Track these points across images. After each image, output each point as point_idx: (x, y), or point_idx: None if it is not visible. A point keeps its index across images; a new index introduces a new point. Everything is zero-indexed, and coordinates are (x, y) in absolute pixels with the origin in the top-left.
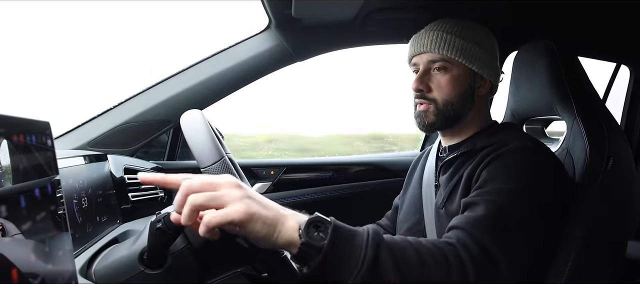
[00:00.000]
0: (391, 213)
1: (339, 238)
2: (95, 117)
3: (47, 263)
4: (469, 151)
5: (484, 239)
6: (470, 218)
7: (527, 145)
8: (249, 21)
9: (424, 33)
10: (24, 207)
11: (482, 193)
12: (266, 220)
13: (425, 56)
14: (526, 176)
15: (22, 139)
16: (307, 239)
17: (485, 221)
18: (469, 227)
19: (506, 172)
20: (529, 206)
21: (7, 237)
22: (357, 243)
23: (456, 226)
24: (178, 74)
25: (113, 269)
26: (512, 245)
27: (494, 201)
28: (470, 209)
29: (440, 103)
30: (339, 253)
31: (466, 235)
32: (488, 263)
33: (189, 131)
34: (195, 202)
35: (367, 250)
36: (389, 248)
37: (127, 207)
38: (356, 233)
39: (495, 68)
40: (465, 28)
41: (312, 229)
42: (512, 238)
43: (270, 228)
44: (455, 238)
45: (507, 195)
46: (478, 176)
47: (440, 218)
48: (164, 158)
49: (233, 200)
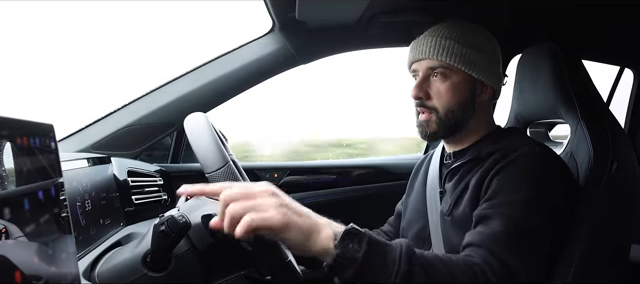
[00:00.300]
0: (394, 218)
1: (373, 251)
2: (99, 120)
3: (51, 266)
4: (475, 158)
5: (505, 256)
6: (487, 234)
7: (534, 150)
8: (253, 24)
9: (423, 39)
10: (27, 209)
11: (494, 205)
12: (302, 228)
13: (424, 63)
14: (536, 183)
15: (26, 142)
16: (343, 250)
17: (503, 237)
18: (489, 244)
19: (516, 181)
20: (541, 213)
21: (10, 239)
22: (391, 256)
23: (474, 243)
24: (182, 77)
25: (116, 272)
26: (530, 257)
27: (507, 214)
28: (484, 223)
29: (441, 112)
30: (373, 265)
31: (487, 253)
32: (510, 279)
33: (193, 134)
34: (234, 212)
35: (400, 264)
36: (420, 263)
37: (131, 210)
38: (390, 246)
39: (497, 73)
40: (465, 33)
41: (348, 240)
42: (529, 250)
43: (305, 236)
44: (478, 257)
45: (520, 206)
46: (487, 186)
47: (446, 224)
48: (167, 161)
49: (271, 207)
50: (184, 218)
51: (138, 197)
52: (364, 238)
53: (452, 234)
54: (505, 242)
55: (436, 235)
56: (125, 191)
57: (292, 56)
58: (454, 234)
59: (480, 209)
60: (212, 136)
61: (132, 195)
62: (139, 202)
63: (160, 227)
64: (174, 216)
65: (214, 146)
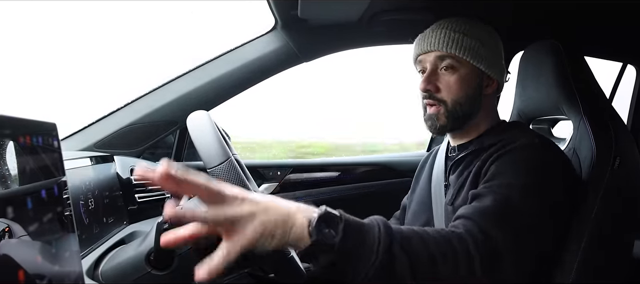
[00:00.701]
0: (400, 213)
1: (351, 234)
2: (102, 119)
3: (54, 264)
4: (478, 149)
5: (489, 228)
6: (476, 207)
7: (535, 142)
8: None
9: (431, 32)
10: (30, 208)
11: (489, 186)
12: (275, 230)
13: (432, 55)
14: (535, 173)
15: (29, 141)
16: (318, 236)
17: (491, 211)
18: (475, 216)
19: (515, 167)
20: (537, 202)
21: (13, 238)
22: (370, 237)
23: (462, 215)
24: (184, 75)
25: (120, 271)
26: (518, 239)
27: (501, 193)
28: (477, 200)
29: (450, 104)
30: (351, 248)
31: (472, 224)
32: (493, 254)
33: (196, 132)
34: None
35: (380, 244)
36: (400, 240)
37: (134, 208)
38: (367, 227)
39: (501, 66)
40: (471, 27)
41: (323, 225)
42: (518, 232)
43: (281, 234)
44: (462, 227)
45: (515, 189)
46: (486, 171)
47: (449, 215)
48: (170, 159)
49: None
50: None
51: (141, 195)
52: (340, 222)
53: None
54: (492, 216)
55: (440, 227)
56: (128, 190)
57: (295, 54)
58: None
59: (476, 190)
60: (214, 133)
61: (135, 193)
62: (142, 201)
63: (163, 225)
64: None
65: (216, 142)
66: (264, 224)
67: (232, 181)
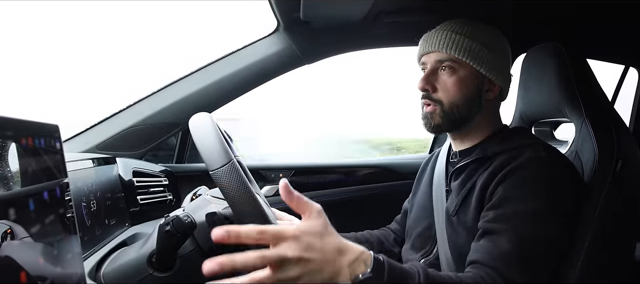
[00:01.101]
0: (401, 217)
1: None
2: (104, 121)
3: (56, 266)
4: (482, 157)
5: (513, 276)
6: (494, 252)
7: (541, 156)
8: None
9: (434, 33)
10: (32, 210)
11: (500, 217)
12: (315, 279)
13: (433, 56)
14: (544, 193)
15: (31, 142)
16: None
17: (510, 256)
18: (496, 263)
19: (523, 191)
20: (549, 223)
21: (16, 240)
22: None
23: (481, 261)
24: (186, 77)
25: (122, 272)
26: (537, 273)
27: (514, 228)
28: (491, 238)
29: (446, 105)
30: None
31: (495, 273)
32: None
33: (198, 134)
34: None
35: None
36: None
37: (136, 210)
38: (408, 276)
39: (506, 72)
40: (475, 29)
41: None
42: (537, 266)
43: (320, 281)
44: (488, 278)
45: (526, 217)
46: (493, 191)
47: (453, 225)
48: (172, 161)
49: (287, 279)
50: (189, 218)
51: (143, 197)
52: (382, 278)
53: (458, 234)
54: (513, 261)
55: (441, 234)
56: (130, 191)
57: (297, 56)
58: (460, 235)
59: (485, 220)
60: (216, 134)
61: (137, 195)
62: (144, 203)
63: (165, 227)
64: (179, 216)
65: (218, 144)
66: (308, 282)
67: (233, 183)
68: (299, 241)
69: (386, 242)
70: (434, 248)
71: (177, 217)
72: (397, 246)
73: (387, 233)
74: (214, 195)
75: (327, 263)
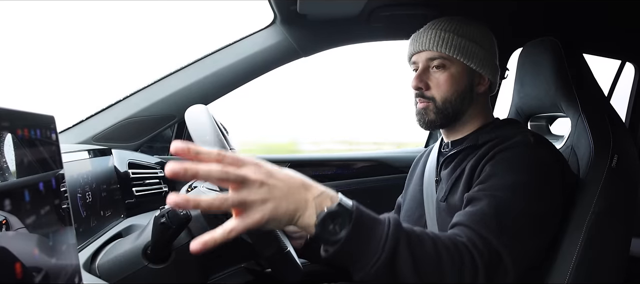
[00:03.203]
0: (394, 212)
1: (358, 232)
2: (100, 112)
3: (51, 257)
4: (472, 145)
5: (491, 238)
6: (474, 214)
7: (529, 140)
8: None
9: (423, 32)
10: (28, 201)
11: (484, 188)
12: (283, 217)
13: (423, 54)
14: (528, 171)
15: (27, 133)
16: (322, 233)
17: (490, 218)
18: (475, 225)
19: (508, 166)
20: (532, 201)
21: (10, 231)
22: (377, 234)
23: (462, 223)
24: (183, 69)
25: (117, 264)
26: (516, 243)
27: (497, 196)
28: (472, 204)
29: (439, 101)
30: (355, 246)
31: (473, 233)
32: (495, 262)
33: (194, 126)
34: (220, 206)
35: (385, 245)
36: (408, 242)
37: (131, 201)
38: (376, 225)
39: (494, 66)
40: (463, 26)
41: (329, 222)
42: (516, 235)
43: (287, 221)
44: (464, 237)
45: (509, 191)
46: (480, 170)
47: (441, 211)
48: (168, 153)
49: (257, 205)
50: (184, 210)
51: (139, 189)
52: (348, 220)
53: (448, 220)
54: (491, 224)
55: (432, 223)
56: (126, 183)
57: (294, 49)
58: (449, 221)
59: (471, 192)
60: (212, 126)
61: (132, 187)
62: (139, 194)
63: (160, 219)
64: (175, 208)
65: (214, 136)
66: (274, 211)
67: None
68: (261, 167)
69: None
70: None
71: (172, 209)
72: None
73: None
74: (210, 187)
75: (291, 193)
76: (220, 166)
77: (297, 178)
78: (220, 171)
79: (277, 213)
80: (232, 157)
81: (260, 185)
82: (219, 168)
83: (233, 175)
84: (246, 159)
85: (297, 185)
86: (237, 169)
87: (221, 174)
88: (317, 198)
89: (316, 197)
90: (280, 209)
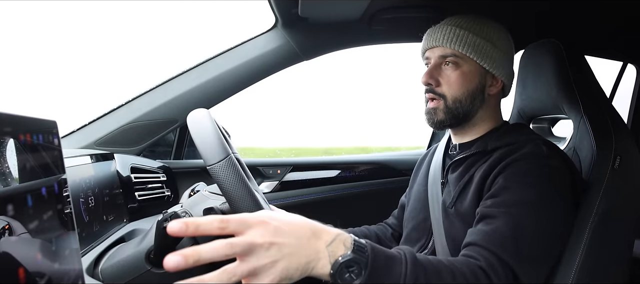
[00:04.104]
0: (398, 211)
1: (375, 276)
2: (102, 117)
3: (54, 262)
4: (481, 151)
5: (508, 259)
6: (490, 234)
7: (541, 150)
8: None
9: (438, 27)
10: (30, 206)
11: (498, 204)
12: (295, 273)
13: (437, 50)
14: (542, 185)
15: (29, 138)
16: (338, 281)
17: (506, 239)
18: (492, 246)
19: (522, 180)
20: (547, 215)
21: (13, 236)
22: (394, 276)
23: (477, 243)
24: (184, 73)
25: (120, 268)
26: (533, 261)
27: (512, 214)
28: (487, 222)
29: (449, 100)
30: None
31: (490, 254)
32: (512, 281)
33: (196, 130)
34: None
35: (405, 280)
36: (425, 276)
37: (134, 206)
38: (393, 265)
39: (509, 68)
40: (479, 24)
41: (344, 271)
42: (533, 254)
43: (300, 275)
44: (481, 259)
45: (525, 207)
46: (492, 181)
47: (449, 217)
48: (170, 157)
49: (266, 270)
50: (186, 214)
51: (141, 193)
52: (364, 266)
53: (455, 226)
54: (508, 244)
55: (438, 226)
56: (128, 188)
57: (295, 52)
58: (457, 227)
59: (483, 206)
60: (214, 130)
61: (135, 191)
62: (142, 199)
63: (163, 223)
64: (177, 212)
65: (216, 139)
66: (285, 270)
67: (230, 178)
68: (267, 226)
69: (384, 237)
70: (430, 241)
71: (175, 213)
72: (394, 241)
73: (385, 228)
74: (212, 191)
75: (301, 246)
76: (224, 243)
77: (306, 227)
78: (226, 247)
79: (288, 271)
80: (237, 220)
81: (268, 247)
82: (223, 246)
83: (239, 247)
84: (251, 220)
85: (307, 236)
86: (243, 236)
87: (227, 250)
88: (329, 246)
89: (328, 245)
90: (292, 266)
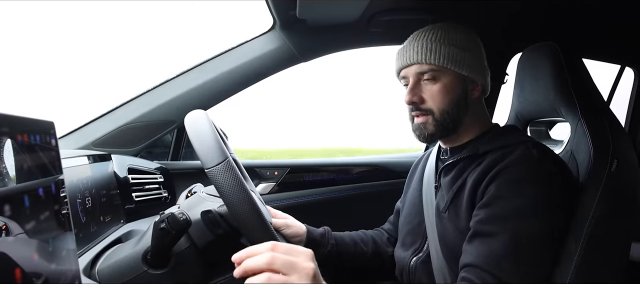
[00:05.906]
0: (393, 217)
1: None
2: (99, 117)
3: (51, 263)
4: (472, 155)
5: (506, 278)
6: (487, 256)
7: (531, 154)
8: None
9: (409, 45)
10: (27, 206)
11: (494, 218)
12: None
13: (413, 68)
14: (535, 191)
15: (27, 139)
16: None
17: (504, 258)
18: (490, 267)
19: (514, 189)
20: (542, 222)
21: (10, 236)
22: None
23: (475, 264)
24: (182, 75)
25: (116, 269)
26: (530, 272)
27: (506, 229)
28: (482, 240)
29: (437, 113)
30: None
31: (488, 276)
32: None
33: (193, 131)
34: None
35: None
36: None
37: (131, 207)
38: None
39: (484, 69)
40: (449, 33)
41: None
42: (531, 265)
43: None
44: (480, 281)
45: (520, 218)
46: (484, 189)
47: (443, 221)
48: (168, 158)
49: None
50: (184, 216)
51: (138, 194)
52: None
53: (449, 231)
54: (506, 263)
55: (432, 230)
56: (125, 188)
57: (293, 54)
58: (450, 232)
59: (477, 219)
60: (212, 132)
61: (132, 192)
62: (139, 200)
63: (160, 224)
64: (174, 213)
65: (213, 141)
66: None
67: (228, 181)
68: None
69: (380, 242)
70: (424, 245)
71: (172, 214)
72: (390, 246)
73: (381, 233)
74: (209, 193)
75: None
76: None
77: None
78: None
79: None
80: None
81: None
82: None
83: None
84: None
85: None
86: None
87: None
88: None
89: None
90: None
